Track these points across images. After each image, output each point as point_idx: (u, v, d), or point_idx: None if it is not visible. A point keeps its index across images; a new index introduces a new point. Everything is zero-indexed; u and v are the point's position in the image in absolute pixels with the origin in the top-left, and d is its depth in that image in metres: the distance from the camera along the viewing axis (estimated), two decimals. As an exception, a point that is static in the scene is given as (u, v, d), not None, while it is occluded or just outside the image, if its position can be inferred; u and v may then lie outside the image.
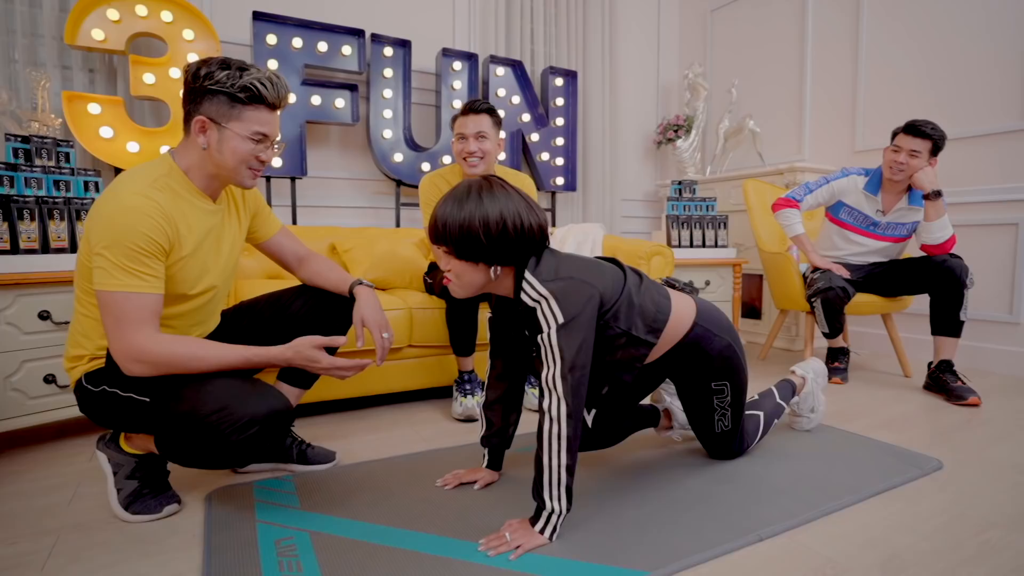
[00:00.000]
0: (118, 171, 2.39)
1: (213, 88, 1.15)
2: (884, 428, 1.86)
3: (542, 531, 1.13)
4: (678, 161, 3.96)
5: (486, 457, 1.45)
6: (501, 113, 2.20)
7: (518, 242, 1.15)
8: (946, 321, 2.25)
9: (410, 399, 2.22)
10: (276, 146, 1.27)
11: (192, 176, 1.23)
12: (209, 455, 1.11)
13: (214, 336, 1.39)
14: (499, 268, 1.17)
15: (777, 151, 3.57)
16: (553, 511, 1.13)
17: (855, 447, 1.67)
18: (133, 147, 2.38)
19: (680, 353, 1.37)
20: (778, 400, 1.70)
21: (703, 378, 1.43)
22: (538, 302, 1.12)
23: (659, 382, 1.53)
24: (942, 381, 2.22)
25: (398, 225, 3.08)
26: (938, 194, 2.26)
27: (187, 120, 1.20)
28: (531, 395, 2.06)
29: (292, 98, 2.81)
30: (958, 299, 2.20)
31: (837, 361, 2.47)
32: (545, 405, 1.12)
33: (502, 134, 2.06)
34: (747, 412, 1.62)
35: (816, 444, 1.70)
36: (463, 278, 1.19)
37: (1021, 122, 2.53)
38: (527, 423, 1.78)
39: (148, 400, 1.15)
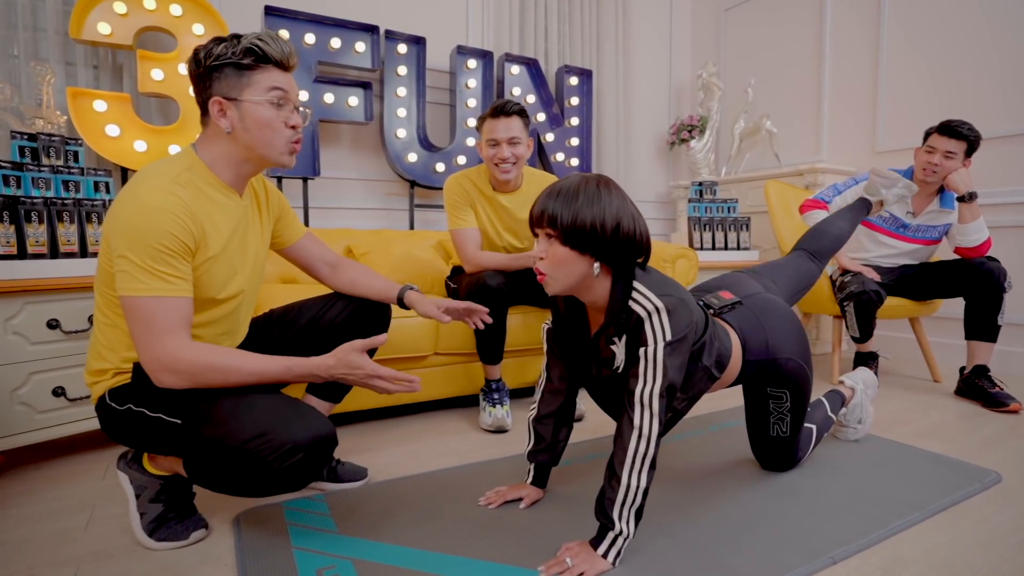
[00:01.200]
0: (125, 171, 2.29)
1: (216, 64, 1.08)
2: (927, 437, 1.80)
3: (605, 555, 1.06)
4: (691, 162, 3.89)
5: (531, 473, 1.37)
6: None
7: (628, 245, 1.08)
8: (983, 325, 2.18)
9: (434, 408, 2.14)
10: (303, 112, 1.18)
11: (217, 169, 1.14)
12: (246, 483, 1.01)
13: (244, 347, 1.30)
14: (601, 266, 1.09)
15: (794, 152, 3.51)
16: (621, 533, 1.05)
17: (905, 458, 1.61)
18: (140, 146, 2.28)
19: (740, 381, 1.37)
20: (828, 412, 1.64)
21: (760, 386, 1.40)
22: (650, 314, 1.05)
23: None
24: (979, 386, 2.16)
25: (412, 227, 2.99)
26: (973, 196, 2.21)
27: (203, 110, 1.12)
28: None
29: (353, 101, 2.74)
30: (996, 303, 2.14)
31: (867, 366, 2.41)
32: (636, 421, 1.05)
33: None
34: (799, 424, 1.56)
35: (865, 455, 1.63)
36: (561, 269, 1.08)
37: (1052, 122, 2.49)
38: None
39: (179, 422, 1.06)
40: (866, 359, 2.42)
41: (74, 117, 2.14)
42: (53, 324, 1.56)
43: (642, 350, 1.05)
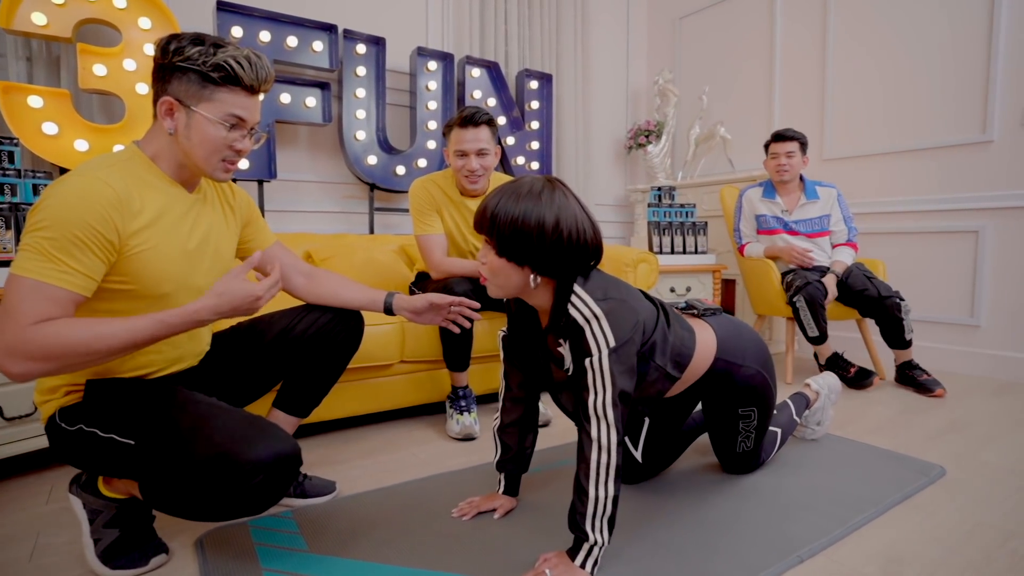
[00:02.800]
0: (64, 172, 2.15)
1: (183, 65, 1.02)
2: (877, 433, 1.90)
3: (583, 565, 1.06)
4: (648, 166, 3.98)
5: (502, 483, 1.37)
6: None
7: (570, 253, 1.06)
8: (896, 341, 2.42)
9: (399, 416, 2.10)
10: (255, 136, 1.13)
11: (159, 163, 1.09)
12: (206, 507, 0.96)
13: (208, 362, 1.24)
14: (539, 277, 1.08)
15: (747, 157, 3.64)
16: (596, 543, 1.05)
17: (860, 455, 1.68)
18: (81, 145, 2.14)
19: (707, 382, 1.35)
20: (793, 415, 1.69)
21: (730, 404, 1.40)
22: (589, 321, 1.04)
23: (693, 406, 1.49)
24: (910, 376, 2.43)
25: (372, 231, 2.93)
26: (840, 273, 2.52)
27: (154, 102, 1.06)
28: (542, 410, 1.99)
29: (311, 102, 2.66)
30: (900, 327, 2.38)
31: (842, 369, 2.50)
32: (594, 434, 1.04)
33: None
34: (765, 429, 1.61)
35: (822, 454, 1.70)
36: (499, 277, 1.10)
37: (980, 135, 2.66)
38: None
39: (133, 443, 1.00)
40: (839, 363, 2.52)
41: (6, 114, 2.00)
42: (-12, 338, 1.44)
43: (587, 360, 1.04)
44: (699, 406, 1.53)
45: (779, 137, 2.66)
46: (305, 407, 1.40)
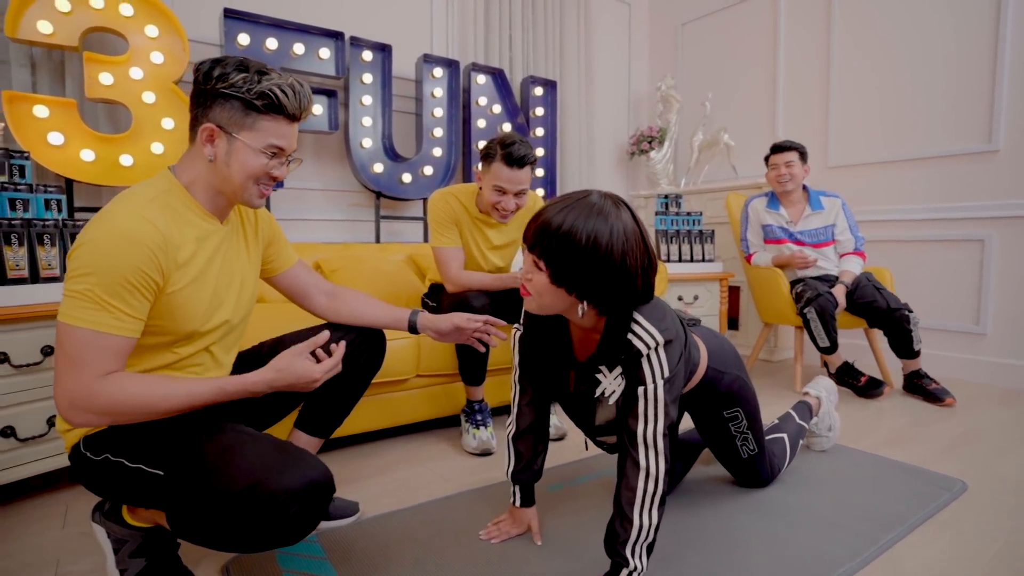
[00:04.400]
0: (70, 183, 2.11)
1: (226, 92, 1.00)
2: (893, 445, 1.90)
3: (621, 590, 1.05)
4: (651, 172, 3.98)
5: (518, 495, 1.31)
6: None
7: (627, 288, 0.97)
8: (904, 351, 2.44)
9: (414, 430, 2.08)
10: (292, 162, 1.12)
11: (195, 192, 1.07)
12: (238, 539, 0.93)
13: (229, 384, 1.22)
14: (587, 305, 1.01)
15: (750, 164, 3.65)
16: (635, 569, 1.04)
17: (879, 469, 1.68)
18: (88, 155, 2.11)
19: (693, 393, 1.34)
20: (798, 421, 1.70)
21: (715, 409, 1.39)
22: (651, 349, 1.00)
23: (681, 415, 1.47)
24: (918, 385, 2.44)
25: (378, 239, 2.91)
26: (849, 284, 2.52)
27: (194, 127, 1.05)
28: (554, 422, 1.98)
29: (318, 109, 2.63)
30: (909, 338, 2.39)
31: (853, 379, 2.50)
32: (643, 462, 1.03)
33: None
34: (771, 436, 1.60)
35: (840, 468, 1.70)
36: (544, 298, 1.01)
37: (986, 144, 2.68)
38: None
39: (161, 473, 0.97)
40: (852, 373, 2.52)
41: (12, 124, 1.96)
42: (1, 358, 1.41)
43: (641, 389, 1.03)
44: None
45: (777, 148, 2.69)
46: (327, 427, 1.38)
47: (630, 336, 1.02)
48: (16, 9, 1.96)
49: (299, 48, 2.59)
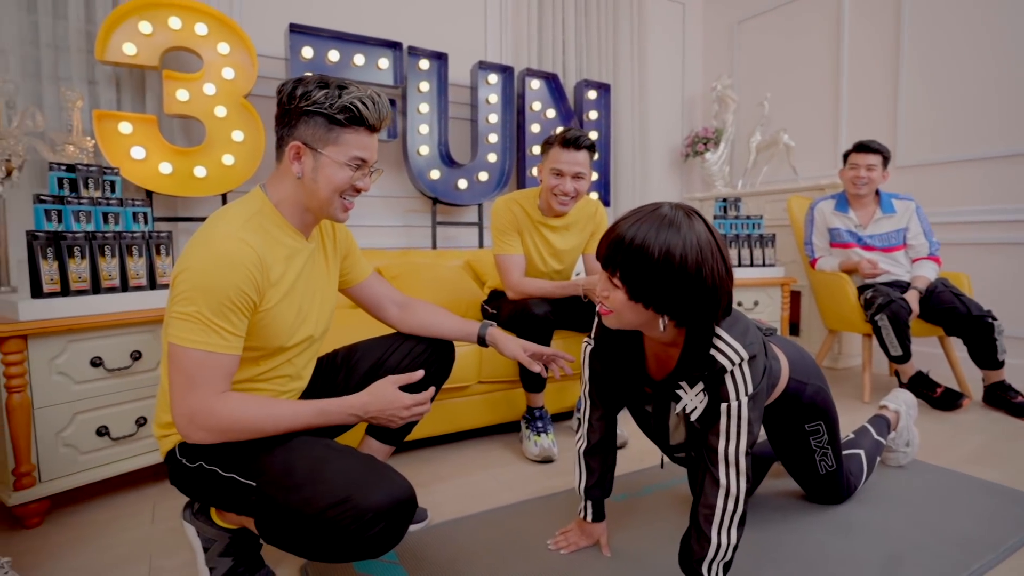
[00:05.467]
0: (151, 195, 2.23)
1: (310, 109, 1.04)
2: (978, 463, 1.80)
3: (697, 609, 1.03)
4: (706, 174, 3.90)
5: (589, 510, 1.31)
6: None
7: (708, 301, 0.95)
8: (987, 361, 2.30)
9: (473, 436, 2.10)
10: (374, 172, 1.15)
11: (284, 210, 1.11)
12: (326, 551, 0.96)
13: (308, 391, 1.26)
14: (667, 320, 0.99)
15: (811, 165, 3.52)
16: (712, 588, 1.03)
17: (962, 488, 1.60)
18: (166, 168, 2.22)
19: (773, 406, 1.29)
20: (875, 436, 1.63)
21: (796, 422, 1.34)
22: (735, 365, 0.99)
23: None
24: (1002, 397, 2.30)
25: (435, 245, 2.96)
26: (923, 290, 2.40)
27: (280, 146, 1.09)
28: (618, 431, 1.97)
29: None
30: (993, 348, 2.25)
31: (927, 390, 2.37)
32: (723, 480, 1.02)
33: None
34: (847, 452, 1.54)
35: (920, 485, 1.62)
36: (624, 316, 1.00)
37: (1076, 141, 2.51)
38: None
39: (254, 484, 1.01)
40: (927, 383, 2.39)
41: (100, 140, 2.09)
42: (96, 362, 1.51)
43: (724, 406, 1.01)
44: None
45: (862, 148, 2.53)
46: (398, 434, 1.41)
47: (713, 352, 1.00)
48: (104, 33, 2.09)
49: (359, 59, 2.66)
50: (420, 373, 1.20)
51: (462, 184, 2.95)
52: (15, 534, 1.41)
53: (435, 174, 2.88)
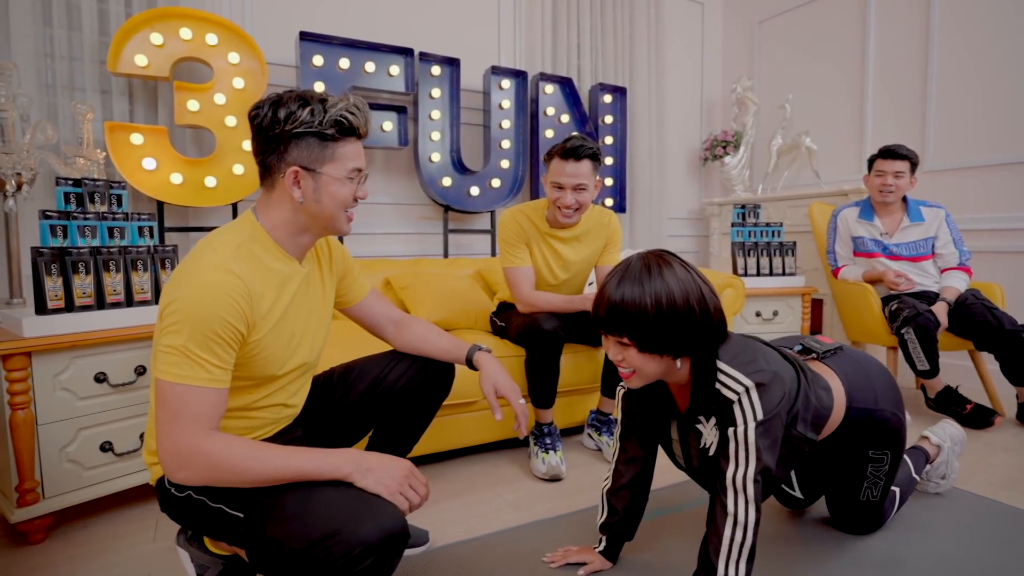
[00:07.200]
0: (161, 206, 2.24)
1: (300, 131, 1.00)
2: (1013, 488, 1.70)
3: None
4: (725, 178, 3.81)
5: (603, 543, 1.29)
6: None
7: (706, 329, 1.00)
8: (1020, 378, 2.19)
9: (479, 451, 2.07)
10: (367, 178, 1.12)
11: (277, 235, 1.07)
12: None
13: (303, 412, 1.23)
14: (680, 360, 1.03)
15: (834, 169, 3.42)
16: (720, 626, 0.98)
17: (996, 517, 1.51)
18: (176, 178, 2.23)
19: (845, 430, 1.24)
20: (912, 473, 1.53)
21: (861, 446, 1.29)
22: (739, 395, 0.99)
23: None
24: None
25: (446, 253, 2.93)
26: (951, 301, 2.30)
27: (269, 174, 1.04)
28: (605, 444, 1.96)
29: (387, 125, 2.72)
30: None
31: (956, 406, 2.26)
32: (730, 507, 0.98)
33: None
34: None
35: (952, 515, 1.54)
36: (645, 369, 1.04)
37: (1119, 144, 2.38)
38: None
39: (241, 515, 0.99)
40: (955, 400, 2.28)
41: (111, 151, 2.09)
42: (100, 378, 1.51)
43: (731, 430, 1.00)
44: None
45: (889, 153, 2.42)
46: (397, 453, 1.38)
47: (718, 386, 1.01)
48: (116, 45, 2.10)
49: (370, 66, 2.64)
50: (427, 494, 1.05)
51: (474, 191, 2.91)
52: (19, 550, 1.42)
53: (447, 181, 2.85)
